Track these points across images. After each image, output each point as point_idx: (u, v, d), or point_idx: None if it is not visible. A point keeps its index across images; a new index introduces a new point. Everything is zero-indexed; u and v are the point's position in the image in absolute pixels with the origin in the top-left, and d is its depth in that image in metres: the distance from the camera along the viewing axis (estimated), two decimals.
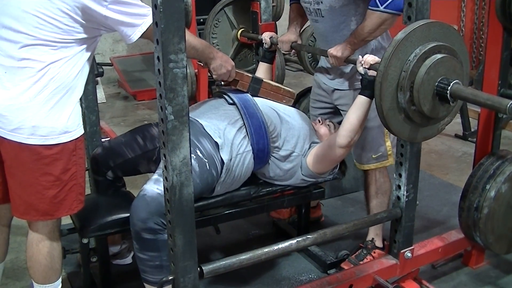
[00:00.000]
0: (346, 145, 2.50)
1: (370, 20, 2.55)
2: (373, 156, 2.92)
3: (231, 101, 2.69)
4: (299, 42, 3.04)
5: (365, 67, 2.37)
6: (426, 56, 2.00)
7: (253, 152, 2.57)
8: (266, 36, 3.11)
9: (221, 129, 2.54)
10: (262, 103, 2.72)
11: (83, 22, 2.09)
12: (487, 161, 2.78)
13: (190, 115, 2.54)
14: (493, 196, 2.67)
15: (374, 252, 3.02)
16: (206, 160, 2.43)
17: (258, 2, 3.32)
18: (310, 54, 4.63)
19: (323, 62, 3.03)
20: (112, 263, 2.89)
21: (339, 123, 2.88)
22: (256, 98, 2.74)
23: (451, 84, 1.99)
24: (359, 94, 2.45)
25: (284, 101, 2.86)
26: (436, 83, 2.02)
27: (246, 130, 2.57)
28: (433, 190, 4.06)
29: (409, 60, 2.00)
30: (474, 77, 5.82)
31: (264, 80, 2.83)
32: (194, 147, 2.42)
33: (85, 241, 2.57)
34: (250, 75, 2.81)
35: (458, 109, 2.22)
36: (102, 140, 3.20)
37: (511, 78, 4.62)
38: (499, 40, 2.73)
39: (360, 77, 2.45)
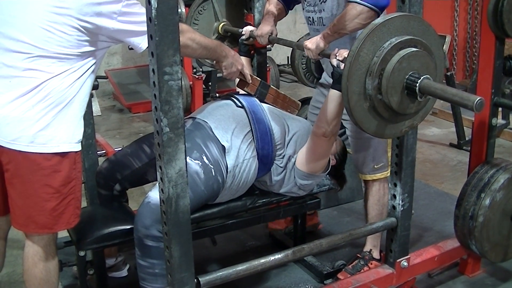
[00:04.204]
0: (320, 135, 2.46)
1: (345, 11, 2.52)
2: (375, 166, 2.91)
3: (239, 104, 2.68)
4: (275, 32, 3.03)
5: (338, 59, 2.33)
6: (401, 46, 1.96)
7: (258, 158, 2.57)
8: (247, 29, 3.10)
9: (229, 132, 2.53)
10: (269, 110, 2.71)
11: (92, 36, 2.11)
12: (482, 169, 2.79)
13: (198, 117, 2.58)
14: (488, 204, 2.68)
15: (371, 264, 3.01)
16: (212, 167, 2.43)
17: (252, 14, 3.33)
18: (304, 65, 4.59)
19: (324, 79, 3.04)
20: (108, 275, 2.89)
21: (340, 135, 2.89)
22: (263, 104, 2.73)
23: (421, 78, 1.95)
24: (331, 87, 2.42)
25: (288, 110, 2.87)
26: (407, 76, 1.97)
27: (253, 135, 2.57)
28: (428, 199, 4.07)
29: (384, 47, 1.95)
30: (468, 86, 5.86)
31: (271, 86, 2.85)
32: (201, 152, 2.43)
33: (82, 253, 2.57)
34: (259, 79, 2.83)
35: (425, 114, 2.17)
36: (98, 152, 3.20)
37: (505, 86, 4.66)
38: (492, 49, 2.75)
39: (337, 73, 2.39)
